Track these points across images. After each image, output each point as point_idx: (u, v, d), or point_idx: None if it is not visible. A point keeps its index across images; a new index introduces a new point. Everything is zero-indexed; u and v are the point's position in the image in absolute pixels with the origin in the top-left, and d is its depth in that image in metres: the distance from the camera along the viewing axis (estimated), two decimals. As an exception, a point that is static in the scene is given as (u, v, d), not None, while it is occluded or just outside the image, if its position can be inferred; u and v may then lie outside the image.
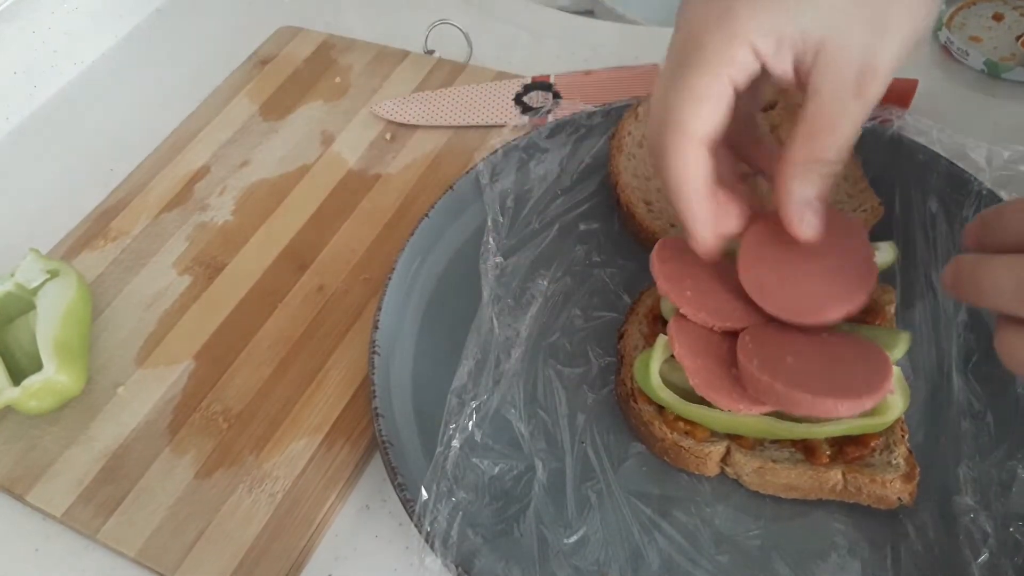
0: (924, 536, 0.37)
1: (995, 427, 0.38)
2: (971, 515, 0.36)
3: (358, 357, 0.47)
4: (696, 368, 0.37)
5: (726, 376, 0.37)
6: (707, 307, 0.38)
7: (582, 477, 0.40)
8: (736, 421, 0.37)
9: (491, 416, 0.41)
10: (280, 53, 0.66)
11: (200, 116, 0.62)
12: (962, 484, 0.37)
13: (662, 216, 0.46)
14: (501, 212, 0.48)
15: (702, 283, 0.39)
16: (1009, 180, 0.44)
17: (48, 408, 0.45)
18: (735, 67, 0.35)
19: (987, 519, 0.36)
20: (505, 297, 0.46)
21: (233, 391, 0.47)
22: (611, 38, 0.64)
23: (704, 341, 0.38)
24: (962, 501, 0.36)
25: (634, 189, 0.47)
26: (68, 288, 0.48)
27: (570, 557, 0.37)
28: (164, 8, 0.75)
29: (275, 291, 0.51)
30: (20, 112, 0.66)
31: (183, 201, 0.57)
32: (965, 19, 0.59)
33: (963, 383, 0.39)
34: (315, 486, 0.42)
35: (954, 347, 0.41)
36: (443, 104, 0.59)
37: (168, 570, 0.40)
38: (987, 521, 0.35)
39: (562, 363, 0.44)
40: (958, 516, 0.36)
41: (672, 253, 0.40)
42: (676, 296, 0.38)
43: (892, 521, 0.37)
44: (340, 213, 0.54)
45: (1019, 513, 0.36)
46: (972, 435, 0.38)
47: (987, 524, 0.35)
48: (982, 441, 0.38)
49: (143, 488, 0.43)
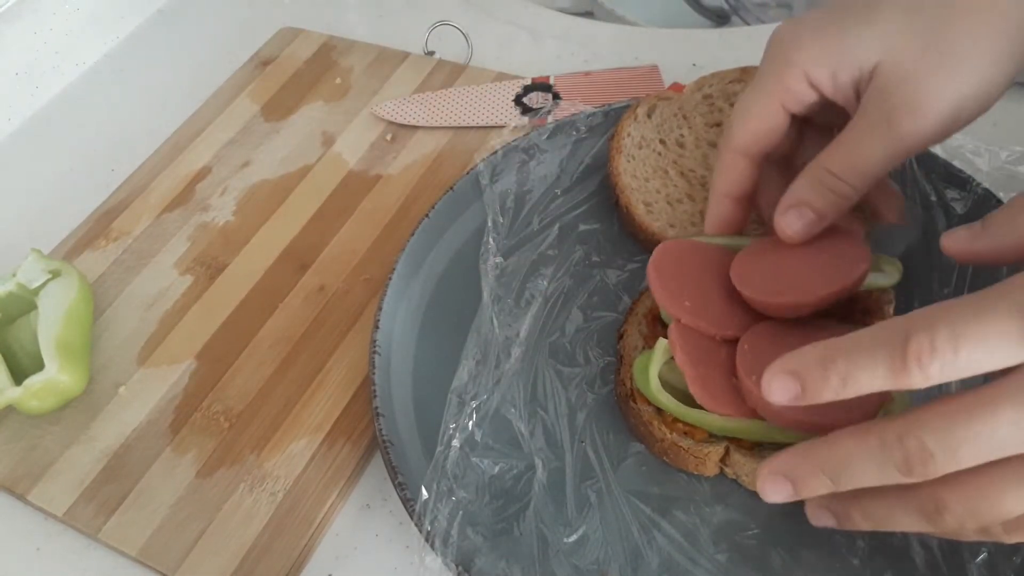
0: (922, 536, 0.37)
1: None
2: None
3: (359, 357, 0.47)
4: (696, 376, 0.37)
5: (727, 385, 0.37)
6: (706, 316, 0.38)
7: (582, 476, 0.40)
8: (735, 426, 0.37)
9: (491, 416, 0.41)
10: (281, 54, 0.66)
11: (202, 117, 0.62)
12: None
13: (661, 217, 0.46)
14: (501, 212, 0.48)
15: (701, 290, 0.39)
16: (1007, 181, 0.44)
17: (49, 408, 0.45)
18: (789, 94, 0.36)
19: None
20: (505, 297, 0.46)
21: (234, 391, 0.47)
22: (611, 39, 0.64)
23: (705, 348, 0.38)
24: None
25: (633, 190, 0.47)
26: (70, 288, 0.48)
27: (570, 556, 0.37)
28: (165, 9, 0.75)
29: (276, 291, 0.51)
30: (22, 113, 0.67)
31: (184, 201, 0.57)
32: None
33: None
34: (316, 485, 0.43)
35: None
36: (443, 105, 0.59)
37: (169, 569, 0.40)
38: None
39: (562, 363, 0.44)
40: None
41: (670, 260, 0.39)
42: (674, 307, 0.38)
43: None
44: (341, 213, 0.55)
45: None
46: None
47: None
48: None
49: (144, 487, 0.43)
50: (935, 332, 0.26)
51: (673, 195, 0.47)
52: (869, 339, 0.28)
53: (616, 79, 0.59)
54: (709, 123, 0.49)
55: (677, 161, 0.48)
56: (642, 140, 0.48)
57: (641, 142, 0.48)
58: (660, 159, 0.48)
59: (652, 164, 0.48)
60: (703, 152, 0.48)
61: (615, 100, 0.52)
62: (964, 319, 0.26)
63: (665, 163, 0.48)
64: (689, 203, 0.46)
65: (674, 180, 0.47)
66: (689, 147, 0.48)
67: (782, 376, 0.29)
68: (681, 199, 0.47)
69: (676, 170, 0.48)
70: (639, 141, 0.48)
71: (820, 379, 0.28)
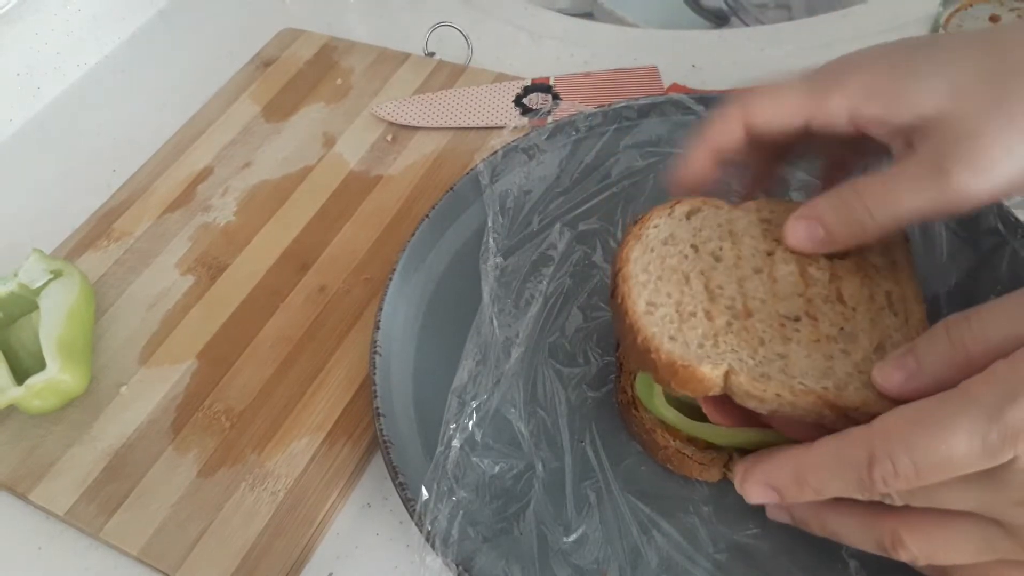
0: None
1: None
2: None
3: (359, 357, 0.47)
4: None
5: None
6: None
7: (581, 476, 0.40)
8: (745, 438, 0.37)
9: (491, 416, 0.41)
10: (282, 55, 0.66)
11: (203, 117, 0.62)
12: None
13: (662, 325, 0.37)
14: (501, 212, 0.48)
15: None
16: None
17: (51, 407, 0.46)
18: (820, 113, 0.35)
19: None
20: (505, 297, 0.46)
21: (235, 390, 0.47)
22: (610, 40, 0.64)
23: None
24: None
25: (639, 284, 0.38)
26: (71, 288, 0.48)
27: (569, 556, 0.37)
28: (167, 10, 0.75)
29: (277, 291, 0.51)
30: (24, 114, 0.67)
31: (186, 202, 0.57)
32: (962, 21, 0.59)
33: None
34: (317, 485, 0.43)
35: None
36: (443, 106, 0.59)
37: (171, 568, 0.41)
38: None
39: (562, 363, 0.44)
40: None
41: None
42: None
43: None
44: (341, 214, 0.55)
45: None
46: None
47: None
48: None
49: (146, 487, 0.43)
50: (896, 459, 0.28)
51: (687, 306, 0.37)
52: (834, 459, 0.30)
53: (615, 80, 0.59)
54: (759, 249, 0.38)
55: (706, 272, 0.38)
56: (670, 237, 0.40)
57: (668, 239, 0.40)
58: (685, 263, 0.38)
59: (673, 265, 0.38)
60: (742, 275, 0.38)
61: (614, 100, 0.52)
62: (924, 442, 0.27)
63: (690, 269, 0.38)
64: (704, 321, 0.36)
65: (694, 289, 0.37)
66: (727, 263, 0.38)
67: (760, 487, 0.32)
68: (696, 312, 0.36)
69: (701, 281, 0.37)
70: (666, 237, 0.40)
71: (796, 492, 0.31)
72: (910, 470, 0.27)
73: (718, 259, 0.38)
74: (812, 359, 0.34)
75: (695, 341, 0.35)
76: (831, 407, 0.33)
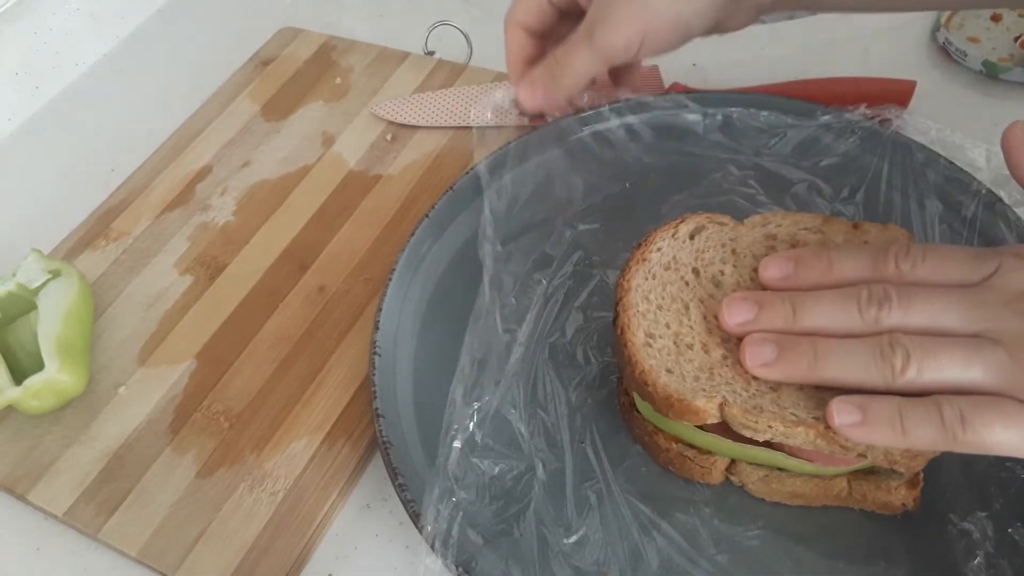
0: (922, 538, 0.37)
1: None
2: (970, 517, 0.36)
3: (359, 357, 0.47)
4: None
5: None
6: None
7: (582, 477, 0.40)
8: (746, 451, 0.37)
9: (491, 416, 0.41)
10: (281, 54, 0.66)
11: (202, 117, 0.62)
12: (962, 487, 0.37)
13: (660, 357, 0.37)
14: (501, 212, 0.48)
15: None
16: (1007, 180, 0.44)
17: (50, 408, 0.45)
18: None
19: (987, 520, 0.36)
20: (505, 297, 0.46)
21: (234, 391, 0.47)
22: (611, 39, 0.64)
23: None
24: (961, 503, 0.36)
25: (639, 314, 0.39)
26: (70, 288, 0.48)
27: (570, 557, 0.37)
28: (165, 9, 0.75)
29: (276, 291, 0.51)
30: (22, 113, 0.67)
31: (184, 201, 0.57)
32: (963, 20, 0.59)
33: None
34: (316, 485, 0.43)
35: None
36: (443, 105, 0.59)
37: (169, 569, 0.40)
38: (987, 523, 0.36)
39: (562, 363, 0.44)
40: (957, 518, 0.36)
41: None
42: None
43: (892, 523, 0.37)
44: (341, 213, 0.55)
45: (1019, 515, 0.36)
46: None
47: (987, 526, 0.35)
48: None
49: (144, 487, 0.43)
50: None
51: (685, 337, 0.37)
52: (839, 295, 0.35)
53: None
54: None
55: (704, 301, 0.39)
56: (672, 261, 0.40)
57: (670, 263, 0.40)
58: (685, 291, 0.39)
59: (673, 293, 0.39)
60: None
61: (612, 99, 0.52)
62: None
63: (690, 298, 0.39)
64: (701, 353, 0.37)
65: (692, 320, 0.38)
66: (726, 289, 0.39)
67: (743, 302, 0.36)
68: (692, 344, 0.37)
69: (700, 311, 0.38)
70: (668, 261, 0.40)
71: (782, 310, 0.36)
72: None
73: (718, 284, 0.39)
74: (804, 390, 0.35)
75: (691, 374, 0.36)
76: (823, 437, 0.33)
